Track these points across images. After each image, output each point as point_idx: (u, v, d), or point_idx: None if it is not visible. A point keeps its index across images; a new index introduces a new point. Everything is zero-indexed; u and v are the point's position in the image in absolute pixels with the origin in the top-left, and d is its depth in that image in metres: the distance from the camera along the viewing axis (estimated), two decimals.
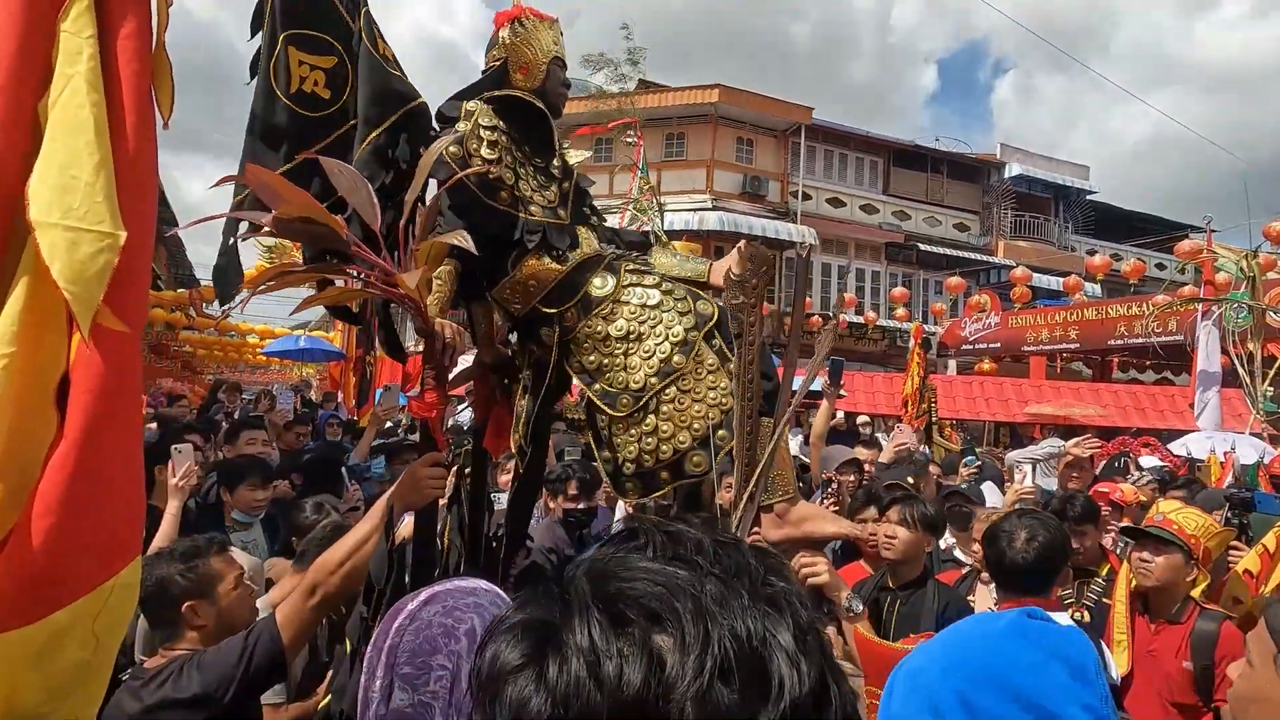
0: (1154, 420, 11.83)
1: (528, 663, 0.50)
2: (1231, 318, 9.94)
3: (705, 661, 0.46)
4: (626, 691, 0.46)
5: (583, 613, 0.49)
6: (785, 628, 0.50)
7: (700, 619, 0.48)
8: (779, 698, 0.47)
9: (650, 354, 2.15)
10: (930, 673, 0.96)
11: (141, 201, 0.96)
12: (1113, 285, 20.90)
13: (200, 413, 8.58)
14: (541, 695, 0.48)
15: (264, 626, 1.70)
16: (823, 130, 22.75)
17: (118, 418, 0.93)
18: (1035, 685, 0.88)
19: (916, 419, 7.33)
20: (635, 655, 0.47)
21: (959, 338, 18.61)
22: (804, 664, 0.49)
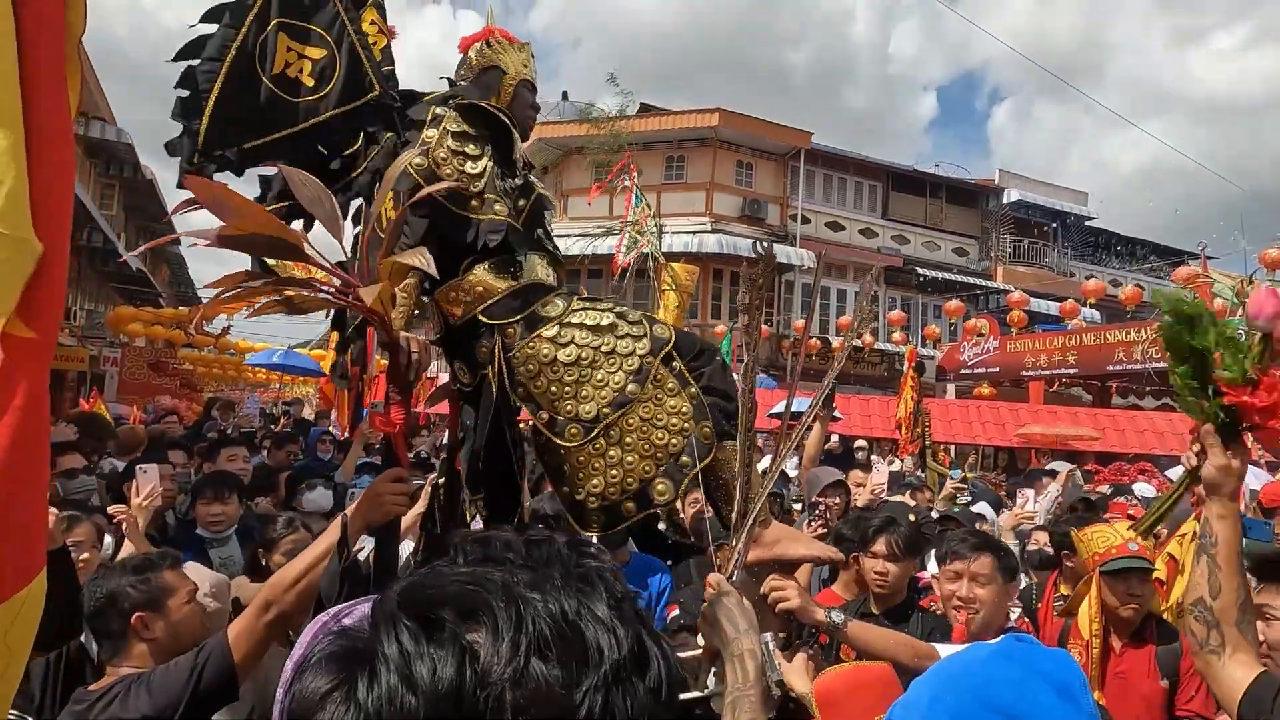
0: (1154, 445, 11.77)
1: (336, 686, 0.49)
2: None
3: (520, 642, 0.48)
4: (441, 688, 0.46)
5: (390, 626, 0.49)
6: (599, 599, 0.52)
7: (511, 605, 0.49)
8: (599, 663, 0.49)
9: (603, 384, 2.07)
10: (922, 703, 0.97)
11: (58, 212, 0.93)
12: (1112, 310, 20.91)
13: (194, 429, 8.55)
14: (354, 714, 0.47)
15: (215, 644, 1.66)
16: (822, 154, 22.88)
17: (23, 431, 0.91)
18: (1022, 705, 0.88)
19: (911, 443, 7.29)
20: (447, 652, 0.47)
21: (958, 362, 18.59)
22: (620, 630, 0.51)
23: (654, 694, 0.52)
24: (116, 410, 9.84)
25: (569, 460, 2.07)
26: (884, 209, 23.88)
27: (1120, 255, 26.45)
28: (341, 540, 1.63)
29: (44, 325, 0.90)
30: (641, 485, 2.06)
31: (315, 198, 1.68)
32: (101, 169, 19.91)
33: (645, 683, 0.51)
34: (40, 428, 0.92)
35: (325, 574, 1.60)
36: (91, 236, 16.95)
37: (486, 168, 2.25)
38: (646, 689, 0.51)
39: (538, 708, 0.47)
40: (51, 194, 0.91)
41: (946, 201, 24.62)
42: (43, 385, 0.91)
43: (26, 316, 0.88)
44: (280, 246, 1.55)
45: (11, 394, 0.88)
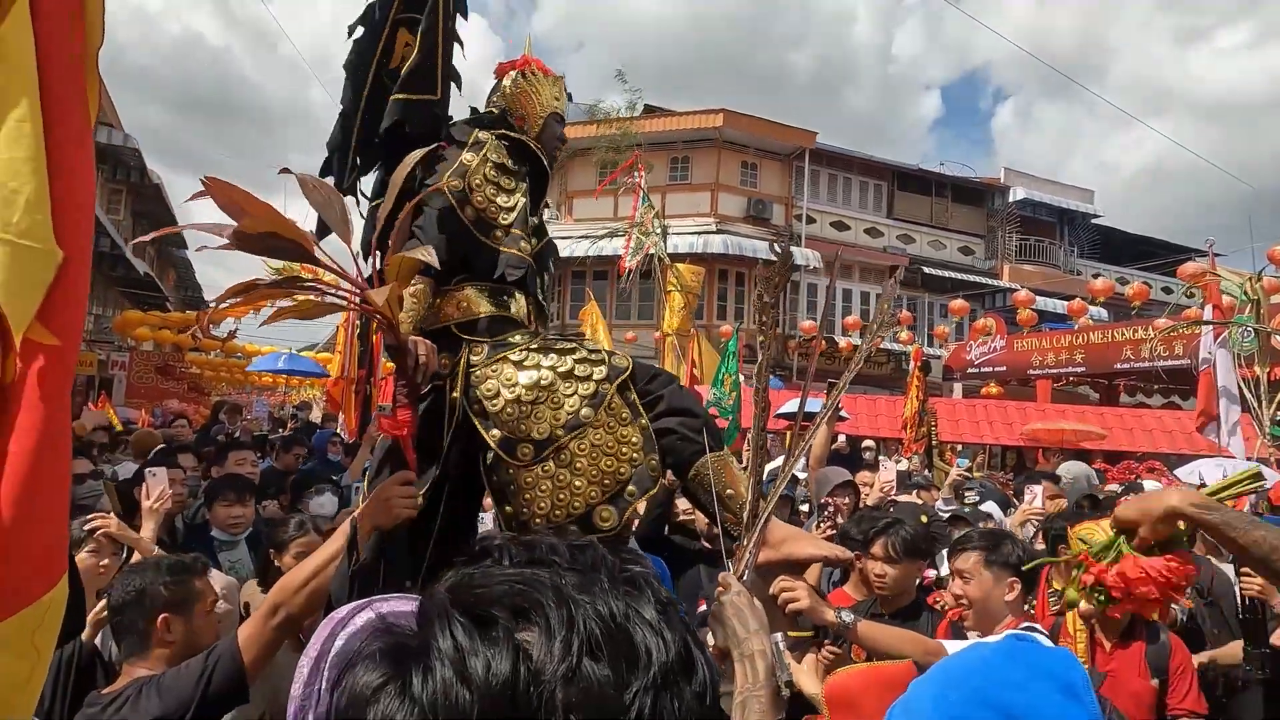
0: (1161, 444, 11.71)
1: (388, 680, 0.49)
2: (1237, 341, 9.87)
3: (572, 642, 0.49)
4: (495, 684, 0.47)
5: (444, 621, 0.50)
6: (647, 603, 0.53)
7: (563, 606, 0.50)
8: (648, 666, 0.50)
9: (559, 405, 2.07)
10: (924, 703, 0.96)
11: (79, 219, 0.94)
12: (1119, 309, 20.83)
13: (202, 433, 8.58)
14: (407, 707, 0.48)
15: (224, 647, 1.67)
16: (827, 154, 22.86)
17: (50, 433, 0.92)
18: (1026, 704, 0.88)
19: (916, 442, 7.27)
20: (502, 649, 0.48)
21: (964, 361, 18.53)
22: (668, 634, 0.52)
23: (700, 698, 0.52)
24: (125, 414, 9.89)
25: (516, 479, 2.05)
26: (889, 208, 23.83)
27: (1127, 253, 26.34)
28: (351, 543, 1.63)
29: (66, 332, 0.91)
30: (587, 509, 2.05)
31: (325, 201, 1.69)
32: (109, 174, 20.02)
33: (692, 686, 0.52)
34: (62, 434, 0.93)
35: (336, 577, 1.60)
36: (99, 241, 17.04)
37: (519, 204, 2.30)
38: (693, 693, 0.52)
39: (589, 707, 0.47)
40: (72, 202, 0.92)
41: (952, 200, 24.56)
42: (65, 391, 0.92)
43: (49, 322, 0.89)
44: (291, 248, 1.56)
45: (35, 399, 0.89)
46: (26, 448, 0.89)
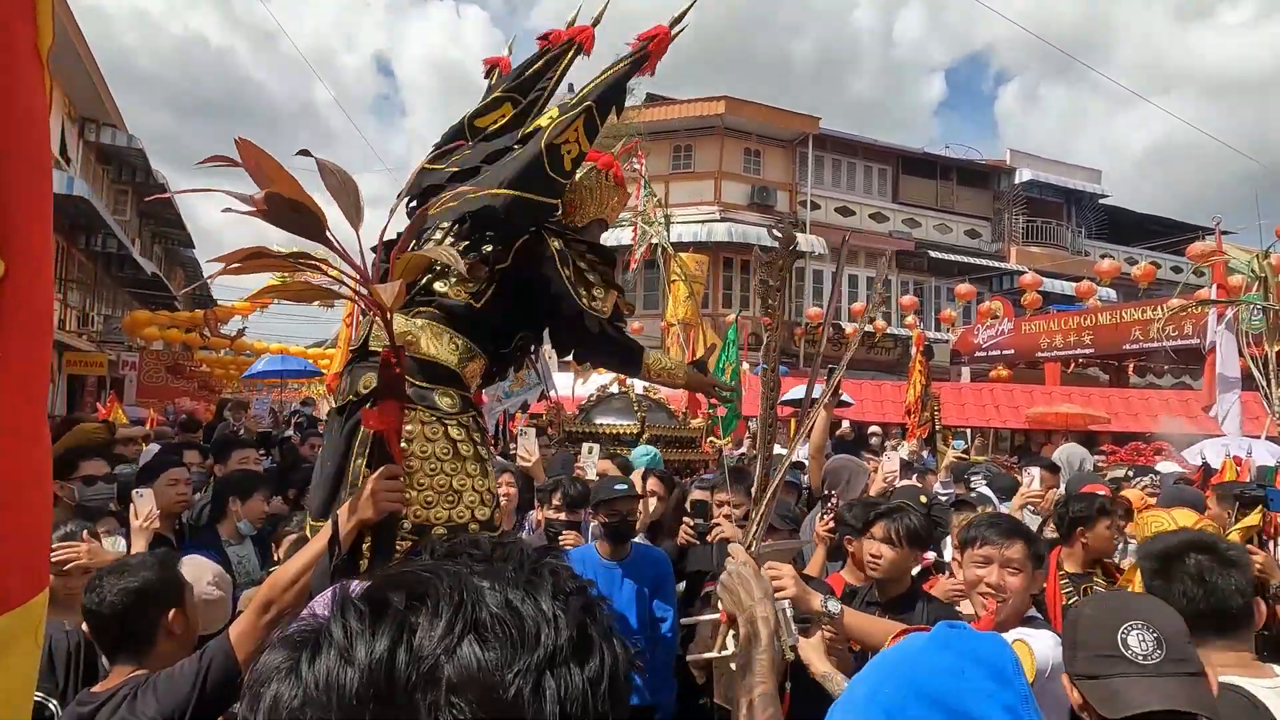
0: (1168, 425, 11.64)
1: (284, 662, 0.53)
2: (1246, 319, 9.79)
3: (455, 624, 0.51)
4: (375, 663, 0.50)
5: (340, 609, 0.54)
6: (545, 592, 0.56)
7: (456, 591, 0.53)
8: (534, 648, 0.52)
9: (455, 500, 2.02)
10: (859, 696, 0.97)
11: (29, 226, 0.92)
12: (1128, 289, 20.68)
13: (208, 431, 8.64)
14: (294, 688, 0.51)
15: (218, 647, 1.69)
16: (830, 139, 22.73)
17: (29, 435, 0.93)
18: (956, 690, 0.89)
19: (919, 427, 7.25)
20: (386, 630, 0.51)
21: (972, 345, 18.46)
22: (562, 620, 0.54)
23: (593, 684, 0.54)
24: (135, 414, 9.97)
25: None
26: (894, 192, 23.70)
27: (1135, 233, 26.11)
28: (333, 538, 1.65)
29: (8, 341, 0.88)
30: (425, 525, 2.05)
31: (340, 186, 1.69)
32: (114, 175, 20.10)
33: (584, 672, 0.54)
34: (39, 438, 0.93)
35: (316, 572, 1.62)
36: (106, 242, 17.13)
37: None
38: (585, 678, 0.53)
39: (469, 684, 0.50)
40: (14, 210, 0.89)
41: (958, 183, 24.40)
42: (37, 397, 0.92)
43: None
44: (309, 225, 1.56)
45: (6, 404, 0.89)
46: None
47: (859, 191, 23.46)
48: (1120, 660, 1.44)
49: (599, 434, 5.58)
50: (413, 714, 0.49)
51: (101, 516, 2.88)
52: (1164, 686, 1.40)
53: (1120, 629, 1.47)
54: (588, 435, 5.57)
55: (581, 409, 6.49)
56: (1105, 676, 1.44)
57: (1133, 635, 1.47)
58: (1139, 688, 1.40)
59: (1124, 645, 1.45)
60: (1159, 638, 1.46)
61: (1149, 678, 1.41)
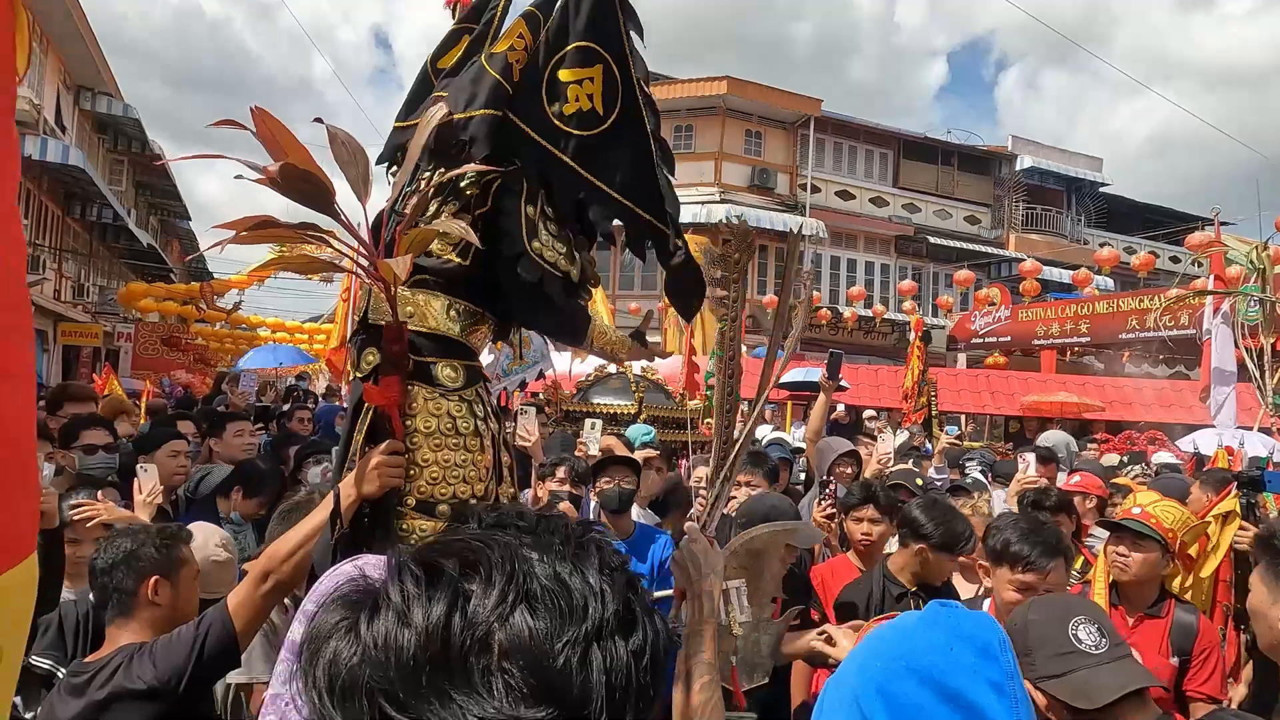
0: (1162, 415, 11.71)
1: (342, 621, 0.56)
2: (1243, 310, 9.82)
3: (508, 593, 0.53)
4: (431, 626, 0.52)
5: (397, 572, 0.56)
6: (592, 567, 0.57)
7: (508, 561, 0.55)
8: (582, 620, 0.54)
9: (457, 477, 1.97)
10: (850, 673, 0.99)
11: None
12: (1125, 278, 20.70)
13: (204, 404, 8.63)
14: (353, 646, 0.53)
15: (215, 615, 1.70)
16: (832, 122, 22.61)
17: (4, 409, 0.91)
18: (944, 666, 0.90)
19: (916, 412, 7.28)
20: (442, 595, 0.53)
21: (969, 331, 18.48)
22: (608, 594, 0.56)
23: (636, 657, 0.55)
24: (130, 385, 9.95)
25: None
26: (895, 177, 23.61)
27: (1134, 222, 26.09)
28: (334, 512, 1.65)
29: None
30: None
31: (350, 158, 1.66)
32: (110, 144, 19.92)
33: (629, 644, 0.55)
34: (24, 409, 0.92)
35: (318, 546, 1.62)
36: (102, 213, 17.01)
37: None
38: (629, 650, 0.55)
39: (520, 651, 0.51)
40: None
41: (958, 169, 24.32)
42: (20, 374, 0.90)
43: None
44: (318, 196, 1.54)
45: None
46: None
47: (859, 175, 23.37)
48: (1077, 655, 1.53)
49: (596, 414, 5.59)
50: (466, 677, 0.50)
51: (103, 486, 2.87)
52: (1122, 670, 1.51)
53: (1069, 625, 1.56)
54: (585, 415, 5.58)
55: (579, 388, 6.50)
56: (1068, 673, 1.52)
57: (1081, 629, 1.56)
58: (1104, 675, 1.50)
59: (1077, 640, 1.55)
60: (1100, 628, 1.57)
61: (1106, 664, 1.51)
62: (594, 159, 2.11)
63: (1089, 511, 4.12)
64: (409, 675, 0.51)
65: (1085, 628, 1.56)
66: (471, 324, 2.09)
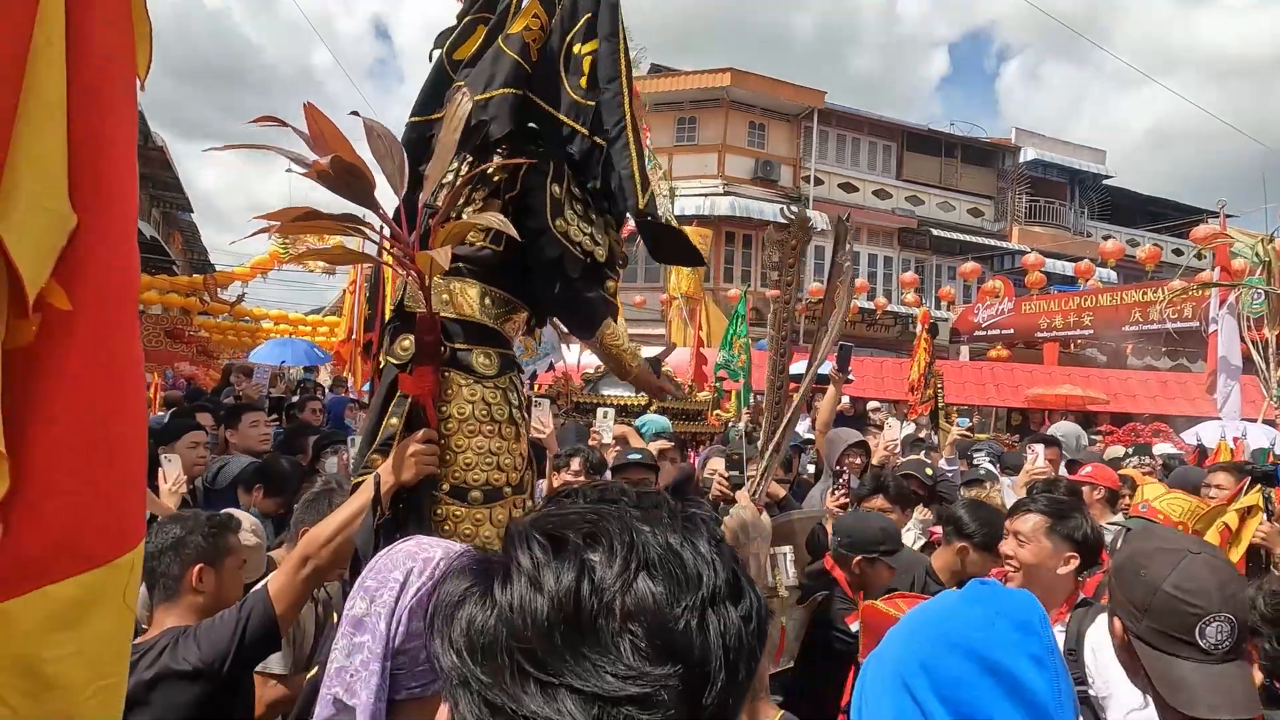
0: (1166, 407, 11.74)
1: (472, 587, 0.60)
2: (1248, 303, 9.83)
3: (630, 561, 0.57)
4: (563, 591, 0.56)
5: (524, 540, 0.59)
6: (701, 537, 0.61)
7: (625, 532, 0.58)
8: (697, 587, 0.57)
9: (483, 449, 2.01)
10: (893, 650, 1.02)
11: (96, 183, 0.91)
12: (1127, 271, 20.70)
13: (212, 396, 8.67)
14: (488, 610, 0.57)
15: (257, 599, 1.74)
16: (835, 114, 22.57)
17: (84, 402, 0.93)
18: (985, 640, 0.93)
19: (922, 404, 7.31)
20: (570, 564, 0.57)
21: (972, 324, 18.50)
22: (718, 563, 0.59)
23: (745, 621, 0.59)
24: None
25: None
26: (898, 169, 23.59)
27: (1138, 215, 26.07)
28: (375, 498, 1.68)
29: (83, 303, 0.89)
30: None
31: (387, 152, 1.70)
32: None
33: (738, 610, 0.59)
34: (134, 401, 0.95)
35: (361, 531, 1.66)
36: None
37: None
38: (739, 615, 0.59)
39: (645, 615, 0.55)
40: (88, 167, 0.90)
41: (961, 161, 24.29)
42: (98, 361, 0.92)
43: (66, 287, 0.88)
44: (359, 190, 1.58)
45: (56, 361, 0.89)
46: (51, 415, 0.89)
47: (863, 167, 23.34)
48: (1191, 646, 1.38)
49: (606, 405, 5.62)
50: (596, 638, 0.54)
51: None
52: (1229, 686, 1.36)
53: (1202, 621, 1.38)
54: (596, 406, 5.62)
55: (588, 380, 6.53)
56: (1169, 654, 1.40)
57: (1211, 628, 1.38)
58: (1205, 684, 1.36)
59: (1200, 635, 1.38)
60: (1234, 627, 1.39)
61: (1214, 665, 1.37)
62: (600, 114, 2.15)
63: (1096, 503, 4.16)
64: (544, 635, 0.55)
65: (1217, 626, 1.37)
66: (505, 312, 2.11)
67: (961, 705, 0.90)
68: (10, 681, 0.85)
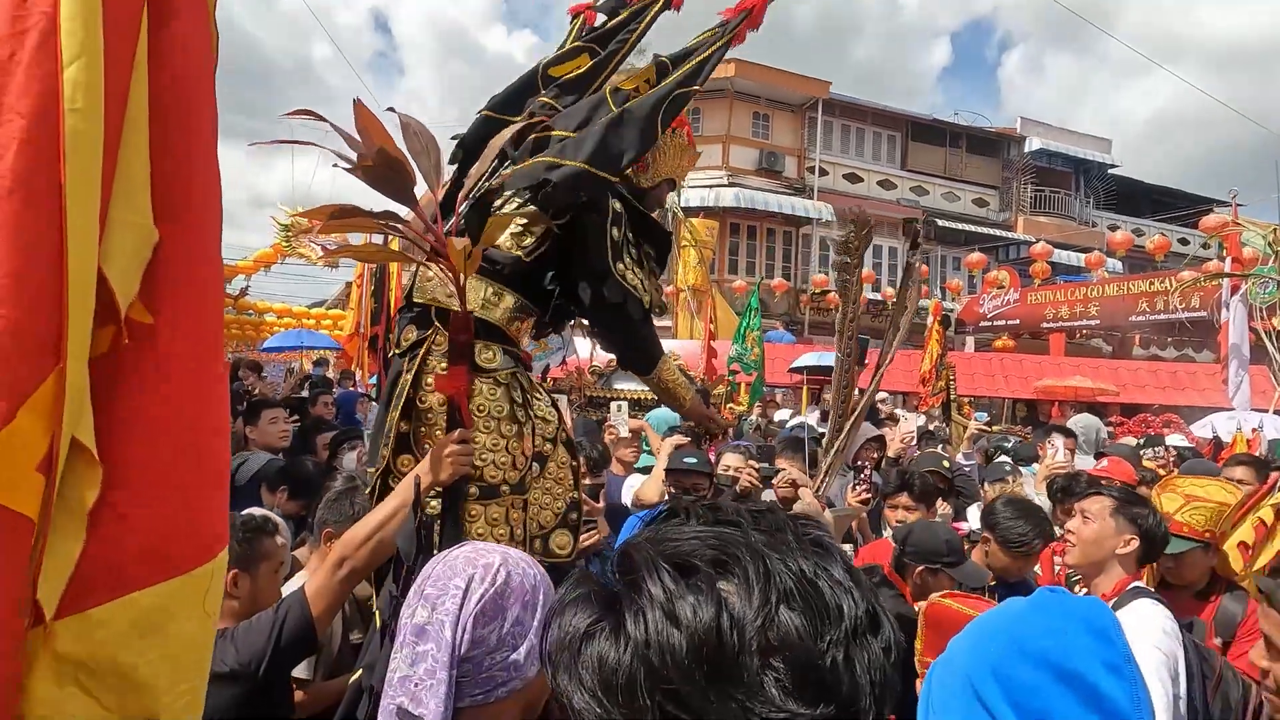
0: (1175, 397, 11.72)
1: (599, 621, 0.55)
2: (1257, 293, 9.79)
3: (770, 593, 0.52)
4: (702, 627, 0.51)
5: (652, 568, 0.55)
6: (835, 563, 0.57)
7: (758, 559, 0.54)
8: (839, 620, 0.53)
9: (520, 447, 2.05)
10: (962, 656, 0.99)
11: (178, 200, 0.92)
12: (1132, 261, 20.64)
13: None
14: (620, 646, 0.53)
15: (294, 600, 1.72)
16: (840, 104, 22.47)
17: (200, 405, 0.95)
18: (1059, 648, 0.90)
19: (934, 396, 7.29)
20: (706, 596, 0.52)
21: (977, 314, 18.47)
22: (856, 592, 0.56)
23: (886, 653, 0.55)
24: None
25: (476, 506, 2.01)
26: (903, 160, 23.50)
27: (1143, 204, 25.97)
28: (416, 499, 1.67)
29: (166, 314, 0.90)
30: (541, 532, 2.12)
31: (423, 148, 1.70)
32: None
33: (879, 641, 0.55)
34: (190, 414, 0.94)
35: (402, 532, 1.64)
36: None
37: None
38: (880, 648, 0.55)
39: (789, 652, 0.51)
40: (172, 184, 0.90)
41: (967, 151, 24.19)
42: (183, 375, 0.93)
43: (147, 302, 0.89)
44: (398, 186, 1.58)
45: (145, 370, 0.90)
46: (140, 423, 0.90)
47: (867, 158, 23.25)
48: None
49: (619, 399, 5.60)
50: (739, 677, 0.50)
51: None
52: None
53: None
54: (608, 400, 5.60)
55: (599, 374, 6.51)
56: None
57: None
58: None
59: None
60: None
61: None
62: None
63: None
64: (684, 674, 0.50)
65: None
66: (516, 316, 2.11)
67: (1036, 714, 0.88)
68: (102, 683, 0.88)
